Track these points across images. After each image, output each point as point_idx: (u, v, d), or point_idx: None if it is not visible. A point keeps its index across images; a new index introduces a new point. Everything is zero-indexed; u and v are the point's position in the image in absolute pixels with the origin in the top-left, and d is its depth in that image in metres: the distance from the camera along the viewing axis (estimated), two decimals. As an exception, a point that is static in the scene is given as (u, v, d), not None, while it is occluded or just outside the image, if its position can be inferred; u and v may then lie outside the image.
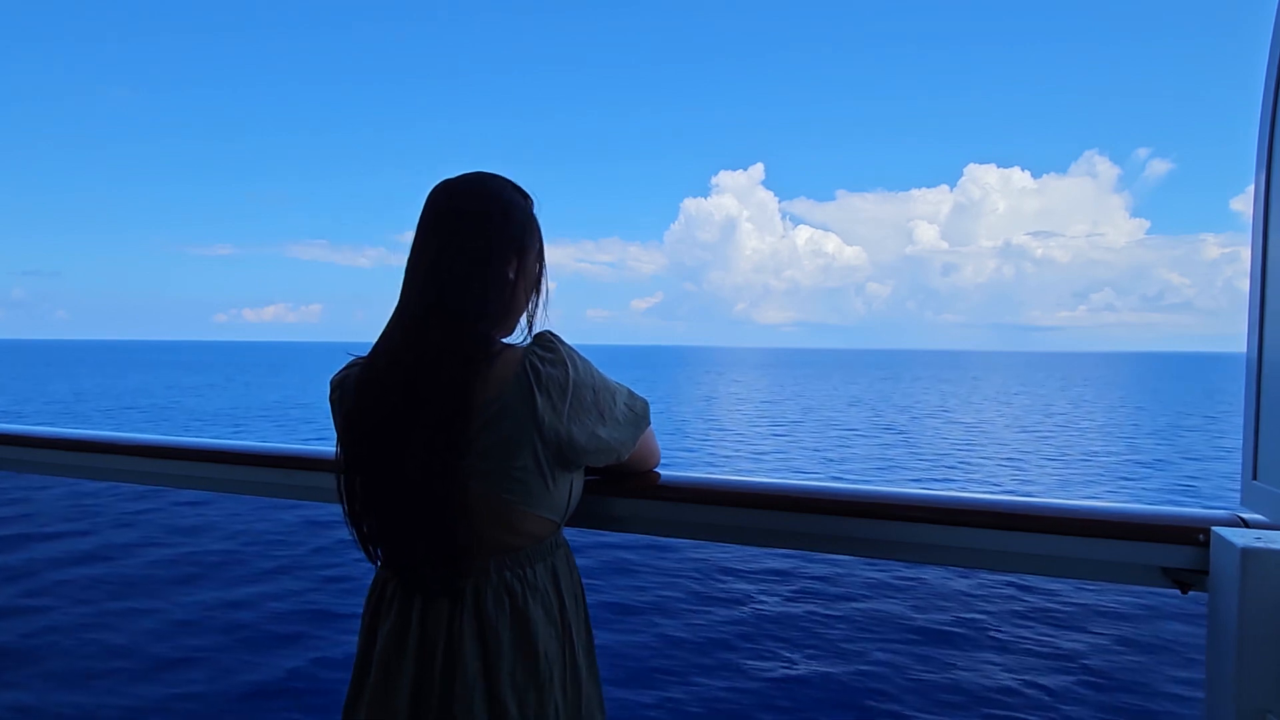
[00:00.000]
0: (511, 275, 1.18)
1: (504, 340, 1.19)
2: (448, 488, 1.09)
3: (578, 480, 1.21)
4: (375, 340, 1.20)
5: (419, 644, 1.14)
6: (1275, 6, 1.06)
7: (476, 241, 1.15)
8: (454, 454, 1.08)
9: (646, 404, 1.27)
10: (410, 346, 1.12)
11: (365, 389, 1.15)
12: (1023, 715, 3.16)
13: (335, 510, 1.21)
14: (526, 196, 1.23)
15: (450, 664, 1.12)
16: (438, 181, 1.20)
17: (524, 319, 1.24)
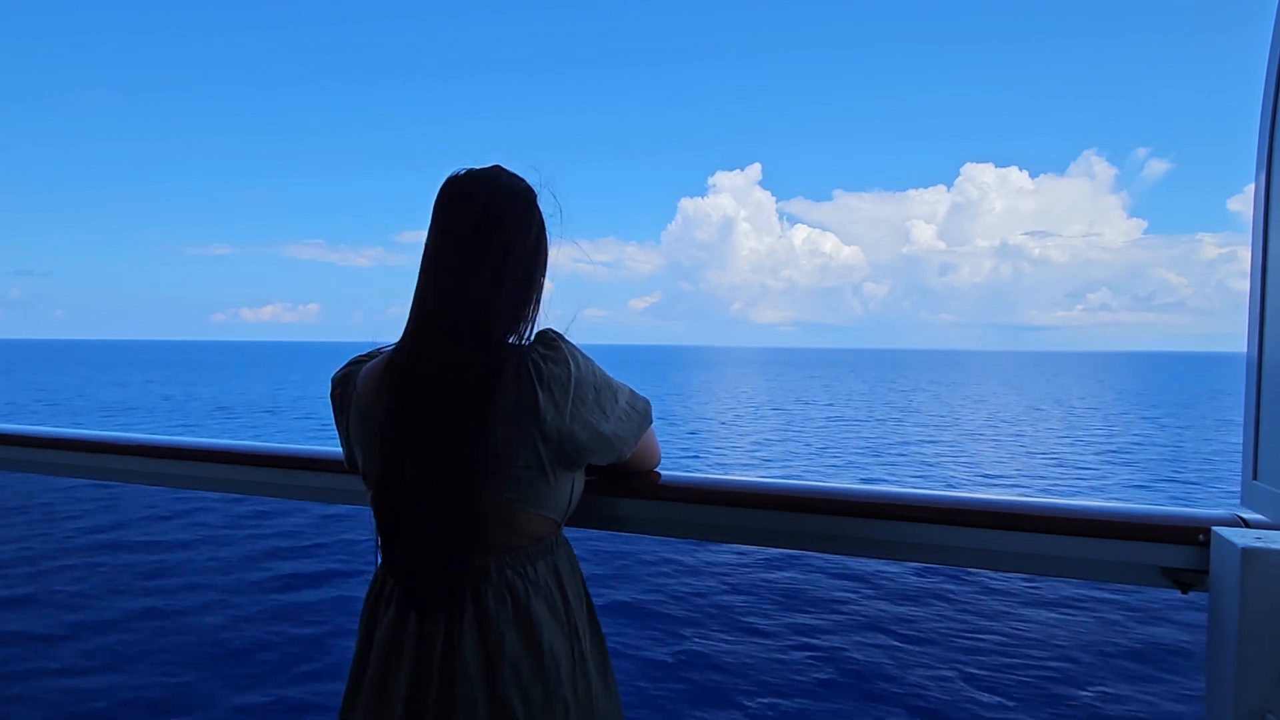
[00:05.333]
0: (522, 275, 1.16)
1: (508, 339, 1.18)
2: (462, 503, 1.09)
3: (578, 479, 1.20)
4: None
5: (417, 642, 1.13)
6: (1275, 6, 1.06)
7: (487, 244, 1.12)
8: (469, 467, 1.08)
9: (648, 403, 1.26)
10: (426, 355, 1.11)
11: (381, 392, 1.14)
12: (1020, 716, 3.16)
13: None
14: (533, 191, 1.20)
15: (449, 662, 1.11)
16: (448, 176, 1.17)
17: (527, 318, 1.23)
